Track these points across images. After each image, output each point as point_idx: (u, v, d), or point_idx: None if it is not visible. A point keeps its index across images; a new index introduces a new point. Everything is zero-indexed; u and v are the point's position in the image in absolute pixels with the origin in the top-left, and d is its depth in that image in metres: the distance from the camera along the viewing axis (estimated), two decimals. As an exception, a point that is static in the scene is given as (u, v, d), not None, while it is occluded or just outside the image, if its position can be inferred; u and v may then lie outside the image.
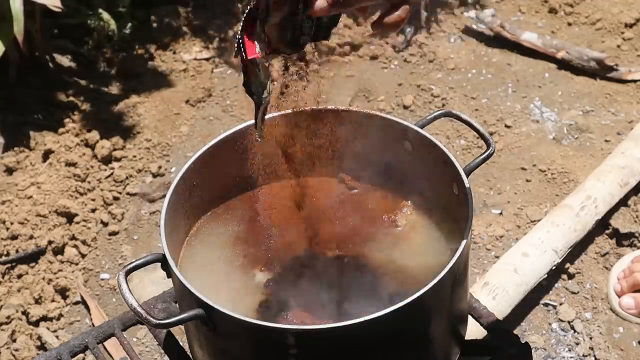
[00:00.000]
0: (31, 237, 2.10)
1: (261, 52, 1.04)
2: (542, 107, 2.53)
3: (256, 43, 1.03)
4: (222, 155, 1.25)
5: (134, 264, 1.08)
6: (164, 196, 1.17)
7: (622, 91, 2.56)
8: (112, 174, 2.33)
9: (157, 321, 1.02)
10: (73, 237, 2.14)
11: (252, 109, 1.10)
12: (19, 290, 2.02)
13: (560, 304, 1.96)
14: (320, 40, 1.09)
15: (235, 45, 1.03)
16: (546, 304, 1.96)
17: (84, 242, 2.14)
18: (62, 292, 2.03)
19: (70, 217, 2.17)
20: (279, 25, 1.04)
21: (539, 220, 2.07)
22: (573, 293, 1.98)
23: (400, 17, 1.02)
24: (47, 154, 2.35)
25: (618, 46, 2.74)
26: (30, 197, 2.20)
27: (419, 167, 1.25)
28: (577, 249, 2.03)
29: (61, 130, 2.42)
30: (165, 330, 1.31)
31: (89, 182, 2.29)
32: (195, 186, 1.23)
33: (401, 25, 1.03)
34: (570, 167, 2.29)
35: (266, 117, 1.13)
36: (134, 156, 2.38)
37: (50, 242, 2.09)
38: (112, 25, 2.64)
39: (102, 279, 2.08)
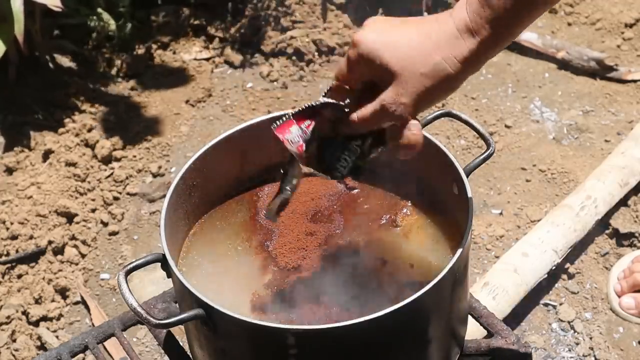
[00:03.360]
0: (31, 237, 2.10)
1: (298, 150, 1.05)
2: (542, 107, 2.53)
3: (296, 135, 1.04)
4: (222, 155, 1.25)
5: (134, 264, 1.08)
6: (164, 196, 1.17)
7: (622, 91, 2.56)
8: (112, 174, 2.33)
9: (157, 321, 1.02)
10: (73, 237, 2.14)
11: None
12: (19, 290, 2.02)
13: (560, 304, 1.96)
14: (346, 177, 1.09)
15: (284, 117, 1.05)
16: (546, 304, 1.96)
17: (84, 242, 2.14)
18: (62, 292, 2.03)
19: (70, 217, 2.17)
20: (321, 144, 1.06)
21: (539, 220, 2.07)
22: (573, 293, 1.98)
23: (415, 135, 1.00)
24: (47, 154, 2.35)
25: (618, 46, 2.74)
26: (30, 197, 2.20)
27: (419, 167, 1.25)
28: (577, 249, 2.03)
29: (61, 130, 2.42)
30: (165, 330, 1.31)
31: (89, 182, 2.29)
32: (195, 186, 1.23)
33: (420, 143, 1.00)
34: (570, 167, 2.29)
35: (280, 210, 1.14)
36: (134, 156, 2.38)
37: (50, 242, 2.09)
38: (112, 25, 2.64)
39: (102, 279, 2.08)
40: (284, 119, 1.04)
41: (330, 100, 1.03)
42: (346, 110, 1.03)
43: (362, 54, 0.99)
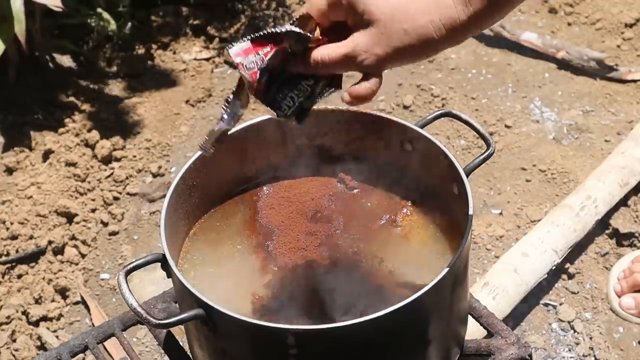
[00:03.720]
0: (31, 237, 2.10)
1: (251, 77, 0.96)
2: (542, 107, 2.53)
3: (252, 60, 0.96)
4: (222, 155, 1.25)
5: (134, 264, 1.07)
6: (164, 196, 1.17)
7: (622, 91, 2.56)
8: (112, 174, 2.33)
9: (157, 321, 1.01)
10: (73, 237, 2.14)
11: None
12: (19, 290, 2.02)
13: (560, 304, 1.96)
14: (292, 118, 1.01)
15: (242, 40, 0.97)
16: (546, 304, 1.96)
17: (84, 242, 2.14)
18: (62, 292, 2.03)
19: (70, 217, 2.17)
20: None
21: (539, 220, 2.07)
22: (573, 293, 1.98)
23: (371, 90, 0.96)
24: (47, 154, 2.35)
25: (618, 46, 2.74)
26: (30, 197, 2.20)
27: (419, 167, 1.25)
28: (577, 249, 2.03)
29: (61, 130, 2.42)
30: (165, 330, 1.31)
31: (89, 182, 2.29)
32: (195, 186, 1.23)
33: (371, 98, 0.96)
34: (570, 167, 2.29)
35: (219, 140, 1.06)
36: (134, 156, 2.38)
37: (50, 242, 2.09)
38: (112, 25, 2.64)
39: (102, 279, 2.08)
40: (243, 41, 0.95)
41: (297, 30, 0.94)
42: (310, 45, 0.95)
43: None
